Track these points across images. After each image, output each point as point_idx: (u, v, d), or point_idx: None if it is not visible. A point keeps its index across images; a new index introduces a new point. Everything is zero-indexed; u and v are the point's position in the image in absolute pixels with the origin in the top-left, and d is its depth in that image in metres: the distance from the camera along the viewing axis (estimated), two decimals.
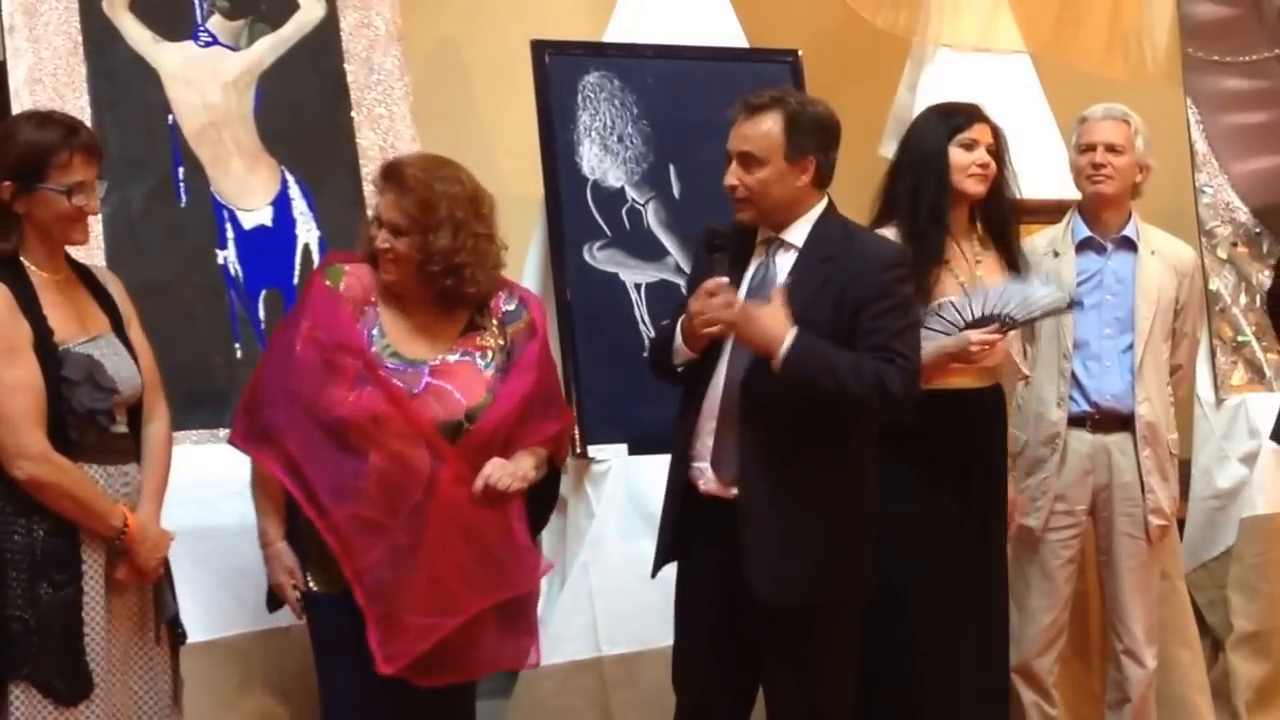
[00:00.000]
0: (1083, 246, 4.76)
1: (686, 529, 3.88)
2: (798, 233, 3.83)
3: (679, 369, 3.88)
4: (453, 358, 3.78)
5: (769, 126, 3.77)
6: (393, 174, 3.76)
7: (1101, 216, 4.75)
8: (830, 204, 3.87)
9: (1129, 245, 4.76)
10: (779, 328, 3.67)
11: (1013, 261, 4.44)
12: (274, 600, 3.88)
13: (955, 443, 4.30)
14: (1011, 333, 4.41)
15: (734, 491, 3.77)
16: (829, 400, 3.70)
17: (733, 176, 3.81)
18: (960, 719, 4.35)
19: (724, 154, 3.85)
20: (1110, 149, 4.69)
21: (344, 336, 3.71)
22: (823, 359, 3.68)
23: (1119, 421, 4.70)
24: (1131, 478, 4.70)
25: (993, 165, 4.36)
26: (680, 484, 3.88)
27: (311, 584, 3.74)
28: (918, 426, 4.00)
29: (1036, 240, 4.83)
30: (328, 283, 3.77)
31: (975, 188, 4.35)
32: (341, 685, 3.73)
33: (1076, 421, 4.70)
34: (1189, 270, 4.81)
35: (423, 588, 3.63)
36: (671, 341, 3.86)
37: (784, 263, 3.83)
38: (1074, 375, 4.69)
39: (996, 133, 4.41)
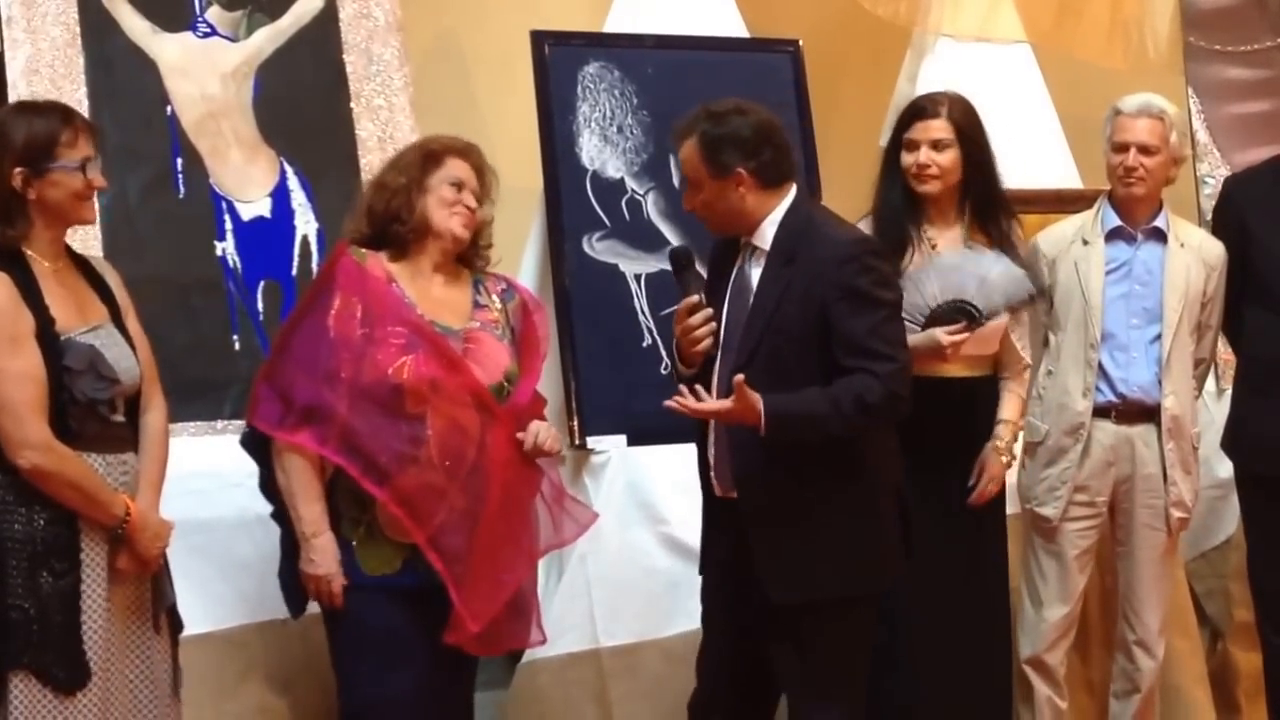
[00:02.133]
0: (1112, 235, 4.71)
1: (711, 530, 3.92)
2: (765, 235, 3.81)
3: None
4: (475, 326, 3.89)
5: (690, 151, 3.79)
6: (465, 150, 3.93)
7: (1133, 211, 4.71)
8: (798, 197, 3.84)
9: (1159, 236, 4.71)
10: (751, 415, 3.62)
11: (1001, 245, 4.44)
12: (300, 599, 3.87)
13: (944, 431, 4.30)
14: (1006, 319, 4.41)
15: (734, 494, 3.80)
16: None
17: (685, 201, 3.87)
18: (960, 707, 4.35)
19: None
20: (1143, 150, 4.61)
21: (387, 305, 3.78)
22: (799, 417, 3.66)
23: (1143, 413, 4.66)
24: (1154, 470, 4.67)
25: (939, 161, 4.37)
26: (705, 486, 3.91)
27: (364, 570, 3.76)
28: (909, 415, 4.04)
29: (1064, 228, 4.79)
30: (355, 260, 3.83)
31: (920, 187, 4.39)
32: (376, 677, 3.74)
33: (1100, 412, 4.66)
34: (1217, 264, 4.75)
35: (487, 546, 3.74)
36: (670, 361, 3.91)
37: (756, 267, 3.82)
38: (1100, 365, 4.67)
39: (958, 119, 4.40)
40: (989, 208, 4.47)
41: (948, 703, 4.32)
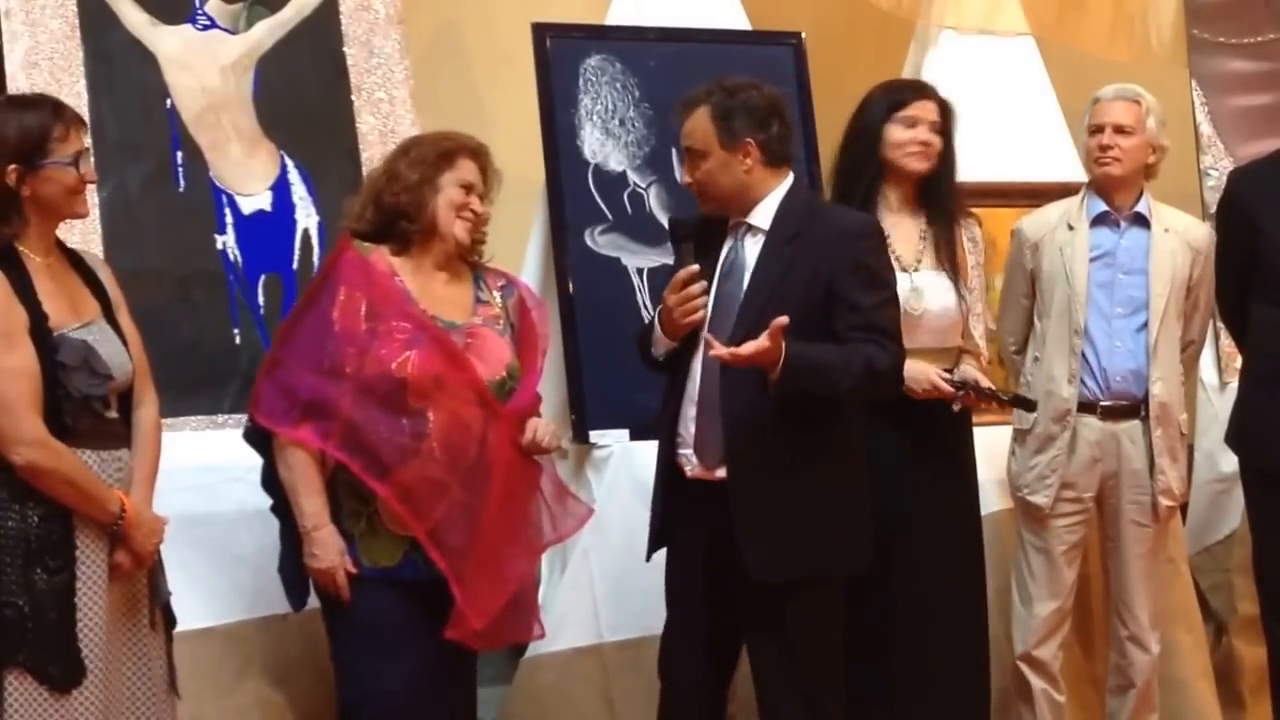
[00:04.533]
0: (1097, 222, 4.72)
1: (674, 513, 3.93)
2: (763, 215, 3.88)
3: (660, 359, 3.91)
4: (477, 321, 3.88)
5: (700, 119, 3.86)
6: (476, 149, 3.92)
7: (1113, 198, 4.72)
8: (796, 182, 3.92)
9: (1142, 222, 4.72)
10: (774, 355, 3.65)
11: (949, 244, 4.41)
12: (301, 592, 3.87)
13: (912, 426, 4.29)
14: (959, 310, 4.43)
15: (719, 473, 3.82)
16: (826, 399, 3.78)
17: (685, 174, 3.91)
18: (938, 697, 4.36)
19: None
20: (1119, 130, 4.66)
21: (392, 299, 3.78)
22: (814, 363, 3.71)
23: (1129, 409, 4.67)
24: (1140, 465, 4.68)
25: (935, 143, 4.36)
26: (668, 469, 3.93)
27: (364, 562, 3.76)
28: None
29: (1048, 213, 4.80)
30: (359, 254, 3.82)
31: (916, 165, 4.35)
32: (376, 669, 3.74)
33: (1086, 408, 4.66)
34: (1204, 247, 4.77)
35: (489, 542, 3.74)
36: (641, 341, 3.93)
37: (752, 246, 3.88)
38: (1084, 355, 4.65)
39: (945, 110, 4.39)
40: (949, 200, 4.44)
41: (926, 691, 4.32)
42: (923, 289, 4.28)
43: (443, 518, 3.70)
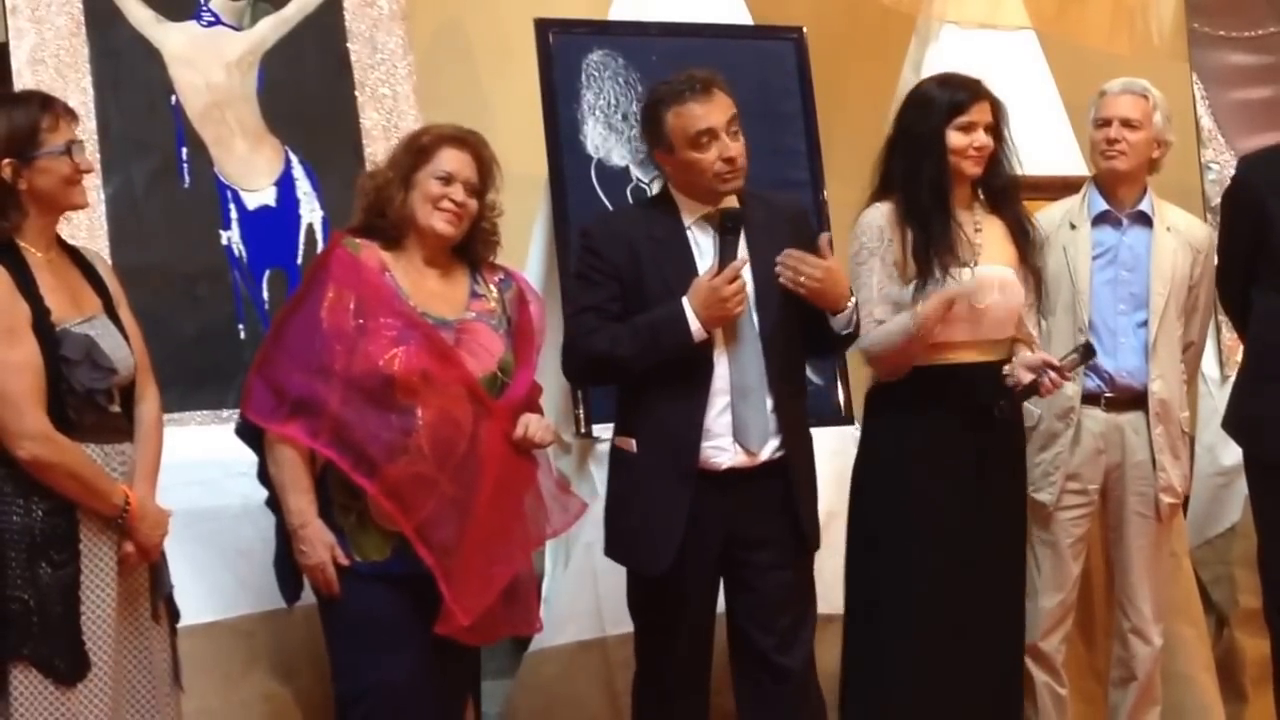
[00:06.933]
0: (1099, 220, 4.74)
1: (697, 510, 3.94)
2: (730, 200, 3.99)
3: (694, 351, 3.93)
4: (470, 316, 3.86)
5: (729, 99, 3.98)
6: (461, 138, 3.88)
7: (1117, 192, 4.73)
8: None
9: (1145, 220, 4.74)
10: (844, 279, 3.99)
11: (1020, 228, 4.41)
12: (293, 587, 3.88)
13: (972, 418, 4.29)
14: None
15: (763, 458, 3.95)
16: (846, 338, 4.03)
17: (739, 148, 3.94)
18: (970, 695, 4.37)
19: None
20: (1126, 124, 4.67)
21: (381, 296, 3.77)
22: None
23: (1133, 400, 4.68)
24: (1144, 456, 4.69)
25: (989, 145, 4.31)
26: (691, 471, 3.93)
27: (355, 556, 3.76)
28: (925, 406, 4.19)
29: (1052, 211, 4.81)
30: (349, 252, 3.81)
31: (973, 170, 4.31)
32: (370, 663, 3.74)
33: (1090, 400, 4.68)
34: (1204, 247, 4.78)
35: (478, 538, 3.72)
36: (653, 339, 3.91)
37: (713, 233, 3.98)
38: None
39: (996, 108, 4.35)
40: (1004, 192, 4.42)
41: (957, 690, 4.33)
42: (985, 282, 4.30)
43: (431, 514, 3.69)
